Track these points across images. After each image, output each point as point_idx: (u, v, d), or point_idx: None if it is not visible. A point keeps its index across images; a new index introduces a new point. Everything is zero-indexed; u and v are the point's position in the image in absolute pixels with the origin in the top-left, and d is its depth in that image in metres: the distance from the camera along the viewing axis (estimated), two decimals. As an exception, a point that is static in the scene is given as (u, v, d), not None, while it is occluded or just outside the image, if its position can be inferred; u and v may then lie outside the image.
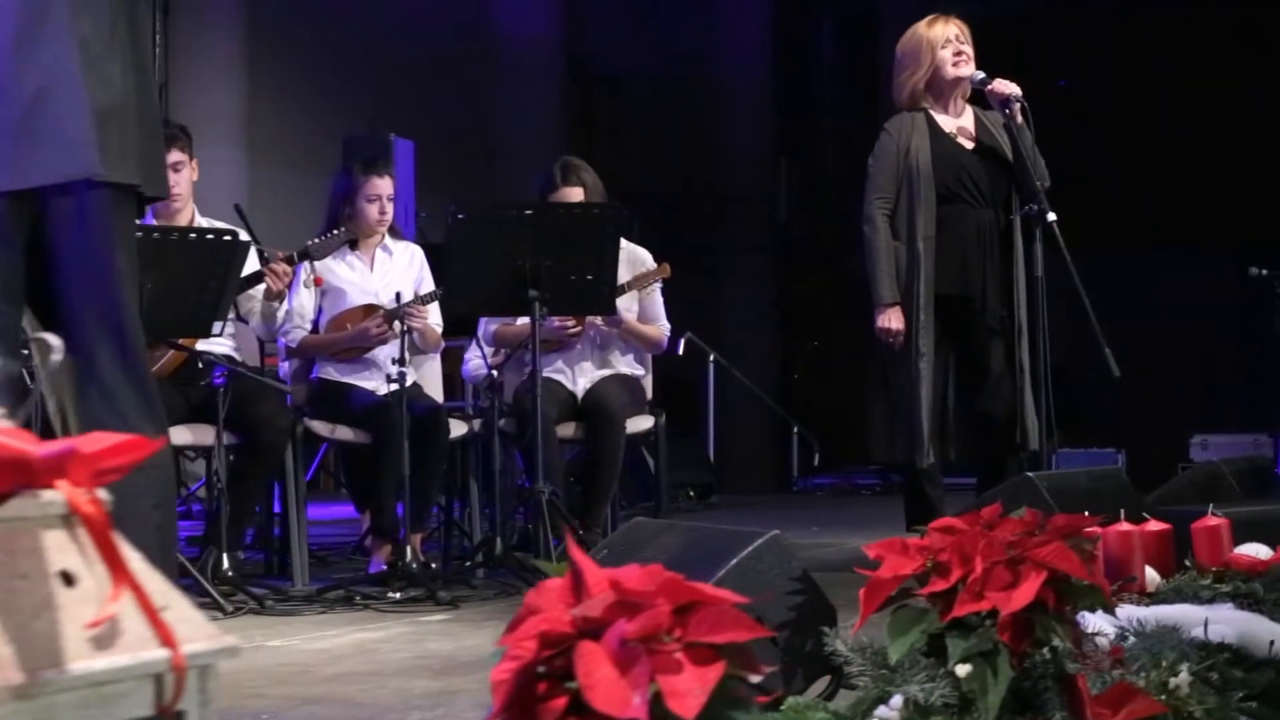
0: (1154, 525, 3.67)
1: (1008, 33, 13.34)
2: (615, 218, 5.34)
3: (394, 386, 5.67)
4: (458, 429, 5.78)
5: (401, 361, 5.16)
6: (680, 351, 11.02)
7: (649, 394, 6.12)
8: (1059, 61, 13.46)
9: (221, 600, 4.69)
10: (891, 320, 5.39)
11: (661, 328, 6.08)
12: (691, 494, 9.47)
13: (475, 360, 6.15)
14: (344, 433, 5.65)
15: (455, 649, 3.93)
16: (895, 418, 5.46)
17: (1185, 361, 12.32)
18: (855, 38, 15.15)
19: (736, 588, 2.99)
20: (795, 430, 12.20)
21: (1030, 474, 4.08)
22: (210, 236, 4.92)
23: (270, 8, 11.41)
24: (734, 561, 2.95)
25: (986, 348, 5.43)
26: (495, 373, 5.44)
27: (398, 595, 4.95)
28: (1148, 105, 12.98)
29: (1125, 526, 3.46)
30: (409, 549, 5.13)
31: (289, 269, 5.39)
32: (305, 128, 11.51)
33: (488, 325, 6.06)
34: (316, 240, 5.53)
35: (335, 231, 5.52)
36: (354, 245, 5.66)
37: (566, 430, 5.79)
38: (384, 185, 5.77)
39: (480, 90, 12.86)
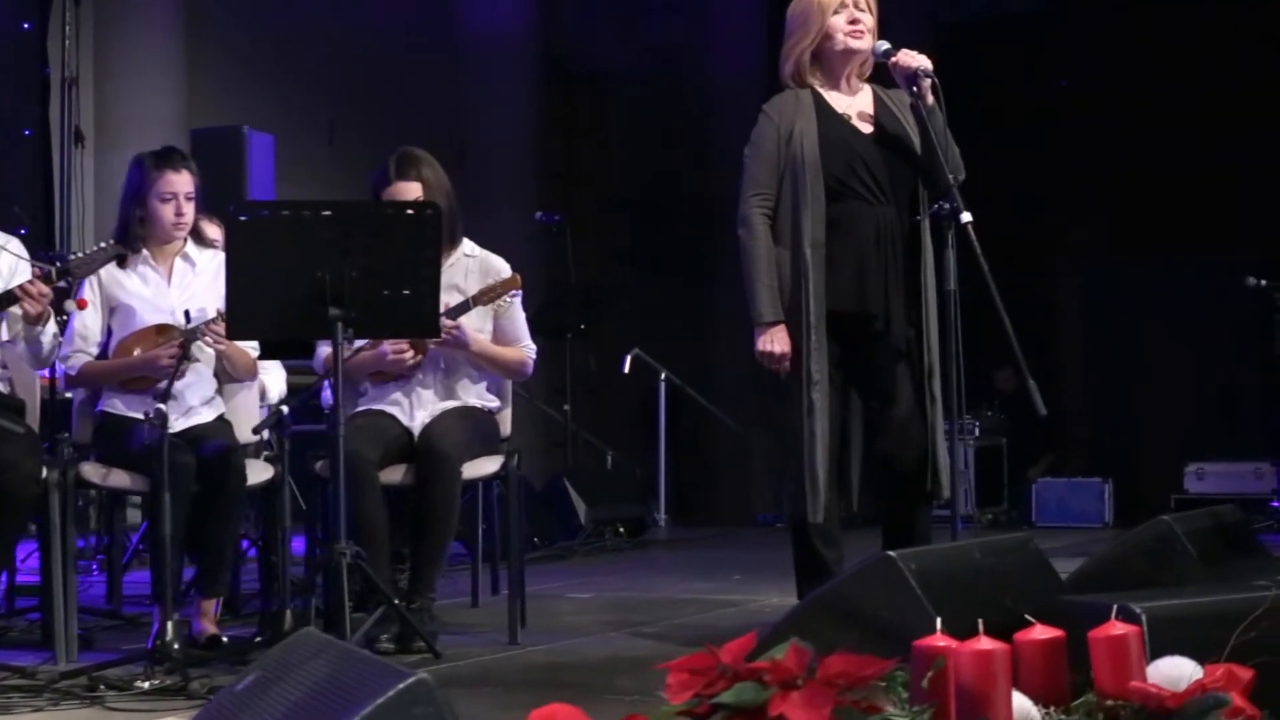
0: (1040, 632, 2.69)
1: (1009, 34, 12.48)
2: (434, 220, 4.36)
3: (187, 423, 4.78)
4: (263, 473, 4.83)
5: (165, 396, 4.21)
6: (626, 370, 10.09)
7: (506, 429, 5.15)
8: (1060, 63, 12.62)
9: (-90, 694, 3.74)
10: (774, 342, 4.42)
11: (524, 350, 5.10)
12: (621, 530, 8.48)
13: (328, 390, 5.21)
14: (119, 478, 4.70)
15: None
16: (784, 462, 4.48)
17: (1182, 380, 11.37)
18: (854, 36, 14.24)
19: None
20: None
21: (894, 553, 3.10)
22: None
23: (212, 1, 10.48)
24: (362, 714, 2.02)
25: (891, 376, 4.44)
26: (285, 407, 4.47)
27: (146, 685, 3.98)
28: (1148, 105, 12.06)
29: (985, 644, 2.48)
30: (170, 625, 4.16)
31: (46, 290, 4.44)
32: (255, 135, 10.54)
33: (320, 350, 5.11)
34: (79, 255, 4.59)
35: (102, 245, 4.58)
36: (122, 261, 4.71)
37: (394, 475, 4.82)
38: (180, 181, 4.84)
39: (448, 91, 12.04)
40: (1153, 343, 11.88)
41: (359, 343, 4.82)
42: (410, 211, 4.48)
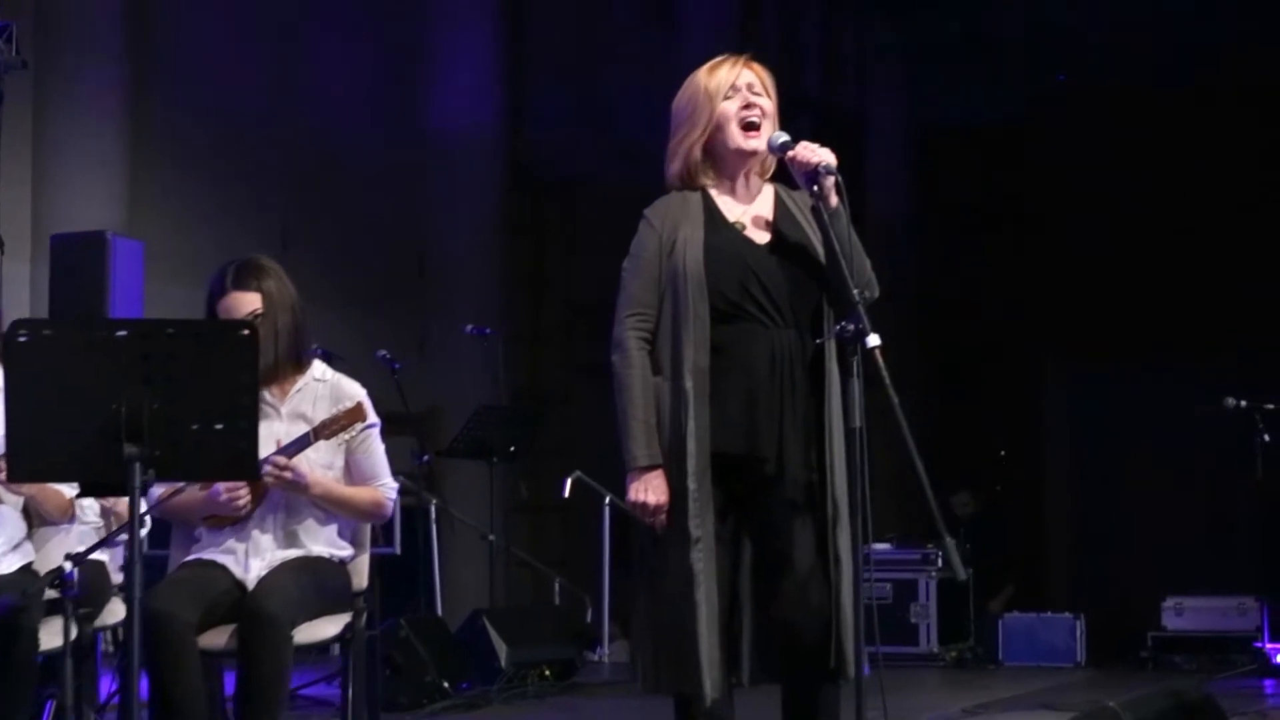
0: None
1: (991, 138, 12.00)
2: (250, 342, 3.70)
3: None
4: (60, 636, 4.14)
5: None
6: (566, 494, 9.40)
7: (361, 580, 4.45)
8: (1044, 168, 12.14)
9: None
10: (648, 491, 3.73)
11: (380, 489, 4.42)
12: (548, 673, 7.74)
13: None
14: (-110, 643, 4.02)
15: None
16: (661, 632, 3.78)
17: (1162, 506, 10.72)
18: (836, 141, 13.73)
19: None
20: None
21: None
22: None
23: (159, 99, 9.88)
24: None
25: (786, 530, 3.75)
26: (69, 564, 3.79)
27: None
28: (1130, 215, 11.57)
29: None
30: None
31: None
32: (201, 241, 9.84)
33: (152, 490, 4.41)
34: None
35: None
36: None
37: (218, 639, 4.12)
38: None
39: (410, 197, 11.51)
40: (1132, 465, 11.29)
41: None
42: (222, 332, 3.83)
